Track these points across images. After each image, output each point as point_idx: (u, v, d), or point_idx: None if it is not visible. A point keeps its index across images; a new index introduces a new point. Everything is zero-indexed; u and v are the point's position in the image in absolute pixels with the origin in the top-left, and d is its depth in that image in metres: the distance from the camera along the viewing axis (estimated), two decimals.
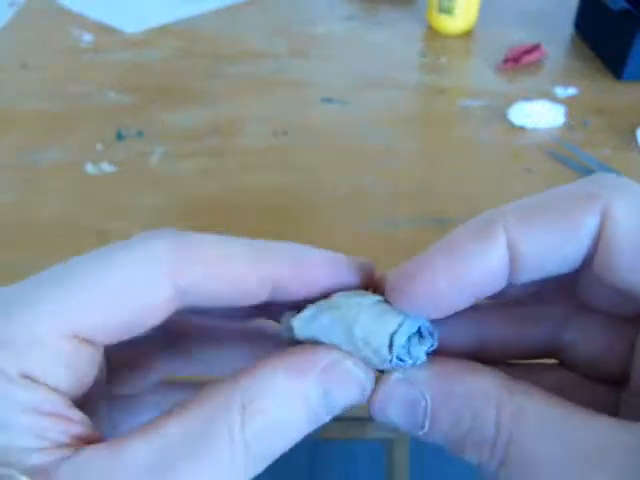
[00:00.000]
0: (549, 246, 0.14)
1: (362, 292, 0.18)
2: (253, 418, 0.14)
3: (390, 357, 0.16)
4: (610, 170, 0.51)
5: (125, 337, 0.16)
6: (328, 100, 0.62)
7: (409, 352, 0.16)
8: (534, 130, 0.57)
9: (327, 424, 0.17)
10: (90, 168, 0.53)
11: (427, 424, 0.16)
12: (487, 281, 0.15)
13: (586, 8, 0.71)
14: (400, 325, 0.16)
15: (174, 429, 0.14)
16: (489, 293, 0.15)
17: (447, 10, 0.71)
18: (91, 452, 0.14)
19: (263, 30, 0.76)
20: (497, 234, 0.15)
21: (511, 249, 0.15)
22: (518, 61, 0.66)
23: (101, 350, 0.16)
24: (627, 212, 0.13)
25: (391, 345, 0.16)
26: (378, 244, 0.45)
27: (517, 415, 0.14)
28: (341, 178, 0.52)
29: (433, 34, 0.75)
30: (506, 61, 0.67)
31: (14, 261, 0.44)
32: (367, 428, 0.49)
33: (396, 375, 0.16)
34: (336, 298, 0.18)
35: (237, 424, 0.14)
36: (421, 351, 0.17)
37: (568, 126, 0.57)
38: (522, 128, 0.57)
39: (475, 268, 0.15)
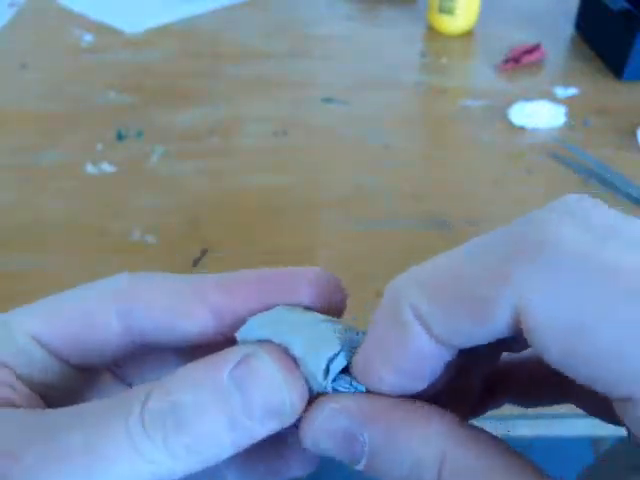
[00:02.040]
0: (461, 330, 0.13)
1: (304, 309, 0.18)
2: (155, 402, 0.14)
3: (324, 384, 0.15)
4: (610, 170, 0.51)
5: (84, 358, 0.18)
6: (328, 100, 0.62)
7: (350, 382, 0.15)
8: (534, 130, 0.57)
9: None
10: (90, 168, 0.53)
11: (364, 462, 0.14)
12: (423, 360, 0.14)
13: (586, 8, 0.71)
14: (339, 352, 0.16)
15: (77, 418, 0.14)
16: (437, 367, 0.14)
17: (448, 10, 0.71)
18: (9, 410, 0.15)
19: (263, 30, 0.76)
20: (408, 318, 0.14)
21: (427, 329, 0.14)
22: (518, 61, 0.66)
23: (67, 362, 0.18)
24: (541, 302, 0.12)
25: (327, 371, 0.15)
26: (378, 244, 0.45)
27: (459, 470, 0.13)
28: (341, 178, 0.52)
29: (433, 34, 0.75)
30: (506, 61, 0.67)
31: (14, 261, 0.44)
32: None
33: (331, 405, 0.15)
34: (278, 311, 0.17)
35: (137, 408, 0.14)
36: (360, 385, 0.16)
37: (568, 126, 0.57)
38: (522, 128, 0.57)
39: (405, 354, 0.14)
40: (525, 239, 0.12)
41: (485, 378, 0.19)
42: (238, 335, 0.17)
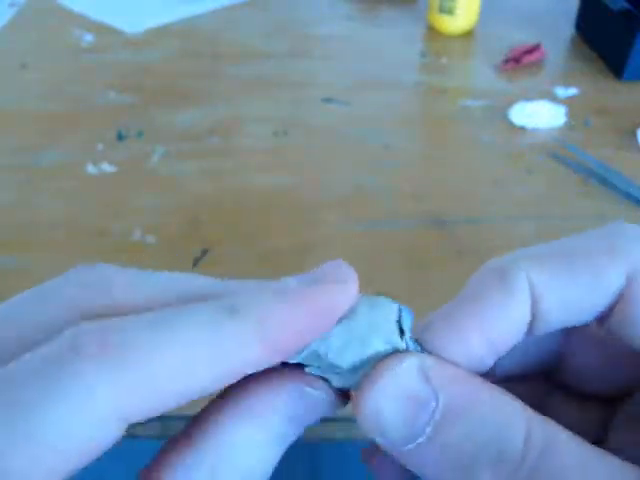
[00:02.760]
0: (572, 299, 0.14)
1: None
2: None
3: (403, 343, 0.14)
4: (610, 170, 0.51)
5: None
6: (328, 100, 0.62)
7: (419, 347, 0.15)
8: (535, 130, 0.57)
9: (327, 424, 0.17)
10: (90, 168, 0.53)
11: (428, 431, 0.13)
12: (513, 333, 0.14)
13: (586, 8, 0.71)
14: (400, 309, 0.16)
15: None
16: (512, 346, 0.14)
17: (448, 10, 0.71)
18: None
19: (263, 30, 0.76)
20: (521, 284, 0.14)
21: (534, 299, 0.14)
22: (519, 61, 0.66)
23: None
24: None
25: (401, 330, 0.15)
26: (378, 244, 0.45)
27: (547, 440, 0.12)
28: (341, 178, 0.52)
29: (434, 34, 0.75)
30: (507, 61, 0.67)
31: (14, 261, 0.44)
32: None
33: (411, 360, 0.14)
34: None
35: None
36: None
37: (569, 126, 0.57)
38: (523, 128, 0.57)
39: (503, 322, 0.14)
40: (626, 230, 0.14)
41: None
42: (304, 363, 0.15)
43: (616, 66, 0.64)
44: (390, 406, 0.13)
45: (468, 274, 0.15)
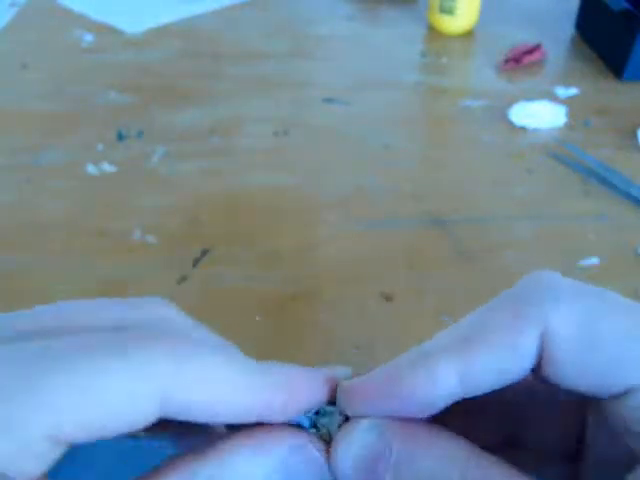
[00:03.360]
0: (493, 375, 0.15)
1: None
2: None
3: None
4: (611, 170, 0.51)
5: (97, 438, 0.15)
6: (329, 100, 0.62)
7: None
8: (535, 130, 0.57)
9: None
10: (91, 168, 0.53)
11: (388, 478, 0.15)
12: (440, 405, 0.15)
13: (587, 8, 0.71)
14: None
15: None
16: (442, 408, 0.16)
17: (448, 10, 0.71)
18: None
19: (264, 30, 0.76)
20: (441, 371, 0.15)
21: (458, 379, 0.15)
22: (519, 61, 0.66)
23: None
24: (563, 327, 0.14)
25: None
26: (378, 244, 0.45)
27: (482, 477, 0.14)
28: (341, 178, 0.52)
29: (434, 34, 0.75)
30: (507, 61, 0.67)
31: (14, 261, 0.44)
32: None
33: (366, 422, 0.16)
34: None
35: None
36: None
37: (569, 126, 0.57)
38: (523, 128, 0.57)
39: (425, 403, 0.15)
40: (533, 288, 0.15)
41: None
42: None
43: (616, 66, 0.64)
44: (355, 462, 0.15)
45: (468, 274, 0.15)
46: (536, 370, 0.15)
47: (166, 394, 0.14)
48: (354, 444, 0.16)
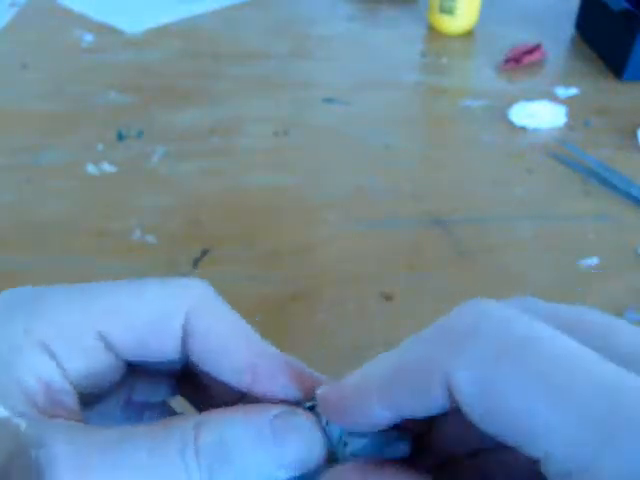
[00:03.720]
0: (414, 412, 0.15)
1: None
2: (206, 435, 0.16)
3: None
4: (611, 170, 0.51)
5: (140, 357, 0.19)
6: (329, 100, 0.62)
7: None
8: (535, 130, 0.57)
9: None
10: (91, 168, 0.53)
11: None
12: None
13: (587, 8, 0.71)
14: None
15: (138, 437, 0.16)
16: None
17: (448, 10, 0.71)
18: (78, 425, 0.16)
19: (264, 30, 0.76)
20: (374, 408, 0.16)
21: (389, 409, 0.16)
22: (519, 61, 0.66)
23: (118, 364, 0.19)
24: (464, 384, 0.14)
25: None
26: (378, 244, 0.45)
27: None
28: (342, 178, 0.52)
29: (434, 34, 0.74)
30: (507, 61, 0.67)
31: (14, 261, 0.44)
32: None
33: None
34: None
35: (190, 437, 0.16)
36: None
37: (569, 126, 0.57)
38: (523, 128, 0.57)
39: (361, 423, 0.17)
40: (451, 328, 0.15)
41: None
42: None
43: (616, 66, 0.64)
44: None
45: (468, 274, 0.16)
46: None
47: (189, 315, 0.18)
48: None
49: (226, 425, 0.16)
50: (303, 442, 0.17)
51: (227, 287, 0.42)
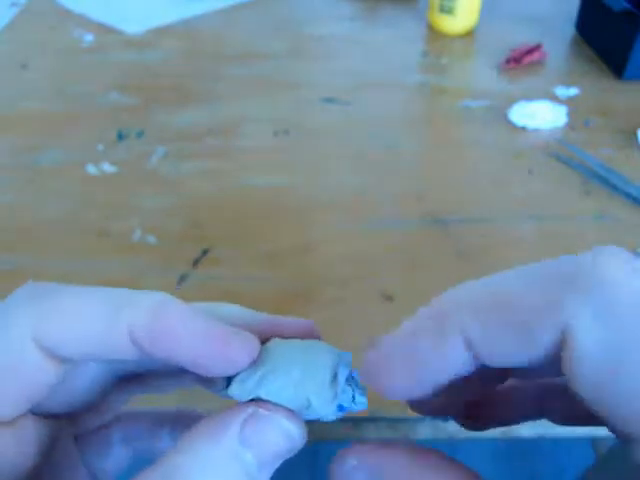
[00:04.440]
0: (507, 353, 0.14)
1: (291, 340, 0.18)
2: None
3: (333, 394, 0.16)
4: (611, 170, 0.51)
5: (23, 409, 0.16)
6: (329, 100, 0.62)
7: (353, 396, 0.16)
8: (535, 130, 0.57)
9: (326, 424, 0.17)
10: (91, 168, 0.53)
11: None
12: (448, 373, 0.15)
13: (587, 8, 0.71)
14: (339, 362, 0.16)
15: None
16: (451, 379, 0.15)
17: (448, 10, 0.71)
18: None
19: (264, 30, 0.76)
20: (454, 337, 0.14)
21: (470, 348, 0.14)
22: (519, 61, 0.66)
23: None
24: (588, 331, 0.12)
25: (334, 381, 0.16)
26: (378, 244, 0.45)
27: None
28: (342, 178, 0.52)
29: (434, 34, 0.74)
30: (507, 61, 0.67)
31: (14, 261, 0.44)
32: (366, 428, 0.49)
33: (350, 461, 0.15)
34: (269, 346, 0.17)
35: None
36: (362, 398, 0.16)
37: (569, 126, 0.57)
38: (523, 128, 0.57)
39: (435, 369, 0.14)
40: (579, 272, 0.13)
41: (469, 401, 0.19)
42: (231, 393, 0.17)
43: (617, 66, 0.64)
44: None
45: (468, 274, 0.15)
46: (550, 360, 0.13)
47: (37, 336, 0.15)
48: None
49: (190, 456, 0.14)
50: (280, 436, 0.15)
51: (227, 287, 0.42)
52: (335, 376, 0.16)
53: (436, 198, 0.49)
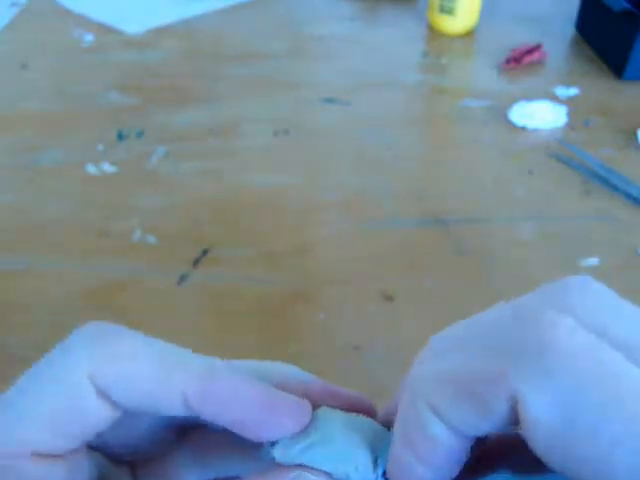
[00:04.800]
0: (471, 423, 0.14)
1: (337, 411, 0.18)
2: None
3: (375, 475, 0.17)
4: (611, 170, 0.51)
5: (77, 444, 0.17)
6: (329, 100, 0.62)
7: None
8: (535, 130, 0.57)
9: None
10: (91, 168, 0.53)
11: None
12: (454, 454, 0.15)
13: (587, 8, 0.71)
14: (380, 448, 0.17)
15: None
16: (465, 452, 0.15)
17: (448, 10, 0.71)
18: None
19: (264, 30, 0.76)
20: (429, 420, 0.15)
21: (448, 425, 0.15)
22: (519, 61, 0.66)
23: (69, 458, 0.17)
24: (536, 398, 0.12)
25: (376, 463, 0.17)
26: (378, 244, 0.45)
27: None
28: (341, 178, 0.52)
29: (434, 34, 0.74)
30: (507, 61, 0.67)
31: (14, 261, 0.44)
32: None
33: None
34: (319, 414, 0.18)
35: None
36: None
37: (569, 126, 0.57)
38: (523, 128, 0.57)
39: (436, 454, 0.15)
40: (523, 338, 0.13)
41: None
42: (276, 455, 0.17)
43: (617, 66, 0.64)
44: None
45: (468, 274, 0.15)
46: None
47: (94, 379, 0.16)
48: None
49: None
50: None
51: (227, 287, 0.42)
52: (376, 460, 0.17)
53: (436, 198, 0.49)
